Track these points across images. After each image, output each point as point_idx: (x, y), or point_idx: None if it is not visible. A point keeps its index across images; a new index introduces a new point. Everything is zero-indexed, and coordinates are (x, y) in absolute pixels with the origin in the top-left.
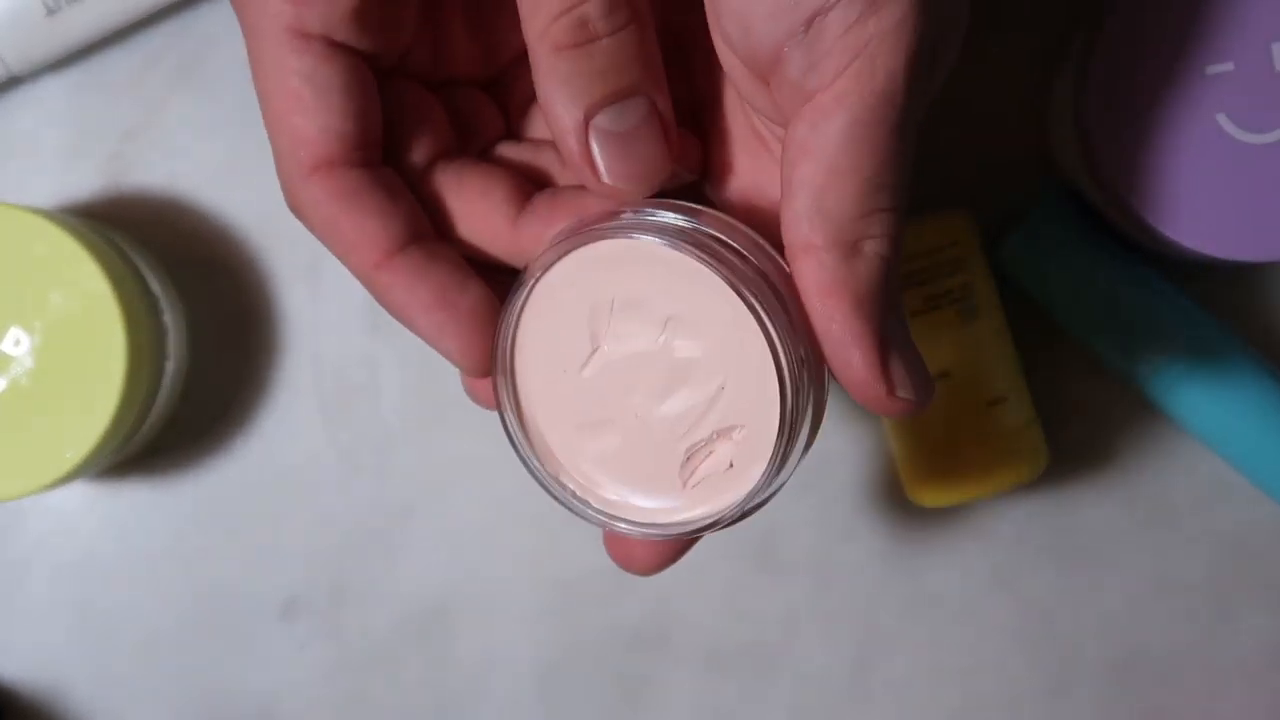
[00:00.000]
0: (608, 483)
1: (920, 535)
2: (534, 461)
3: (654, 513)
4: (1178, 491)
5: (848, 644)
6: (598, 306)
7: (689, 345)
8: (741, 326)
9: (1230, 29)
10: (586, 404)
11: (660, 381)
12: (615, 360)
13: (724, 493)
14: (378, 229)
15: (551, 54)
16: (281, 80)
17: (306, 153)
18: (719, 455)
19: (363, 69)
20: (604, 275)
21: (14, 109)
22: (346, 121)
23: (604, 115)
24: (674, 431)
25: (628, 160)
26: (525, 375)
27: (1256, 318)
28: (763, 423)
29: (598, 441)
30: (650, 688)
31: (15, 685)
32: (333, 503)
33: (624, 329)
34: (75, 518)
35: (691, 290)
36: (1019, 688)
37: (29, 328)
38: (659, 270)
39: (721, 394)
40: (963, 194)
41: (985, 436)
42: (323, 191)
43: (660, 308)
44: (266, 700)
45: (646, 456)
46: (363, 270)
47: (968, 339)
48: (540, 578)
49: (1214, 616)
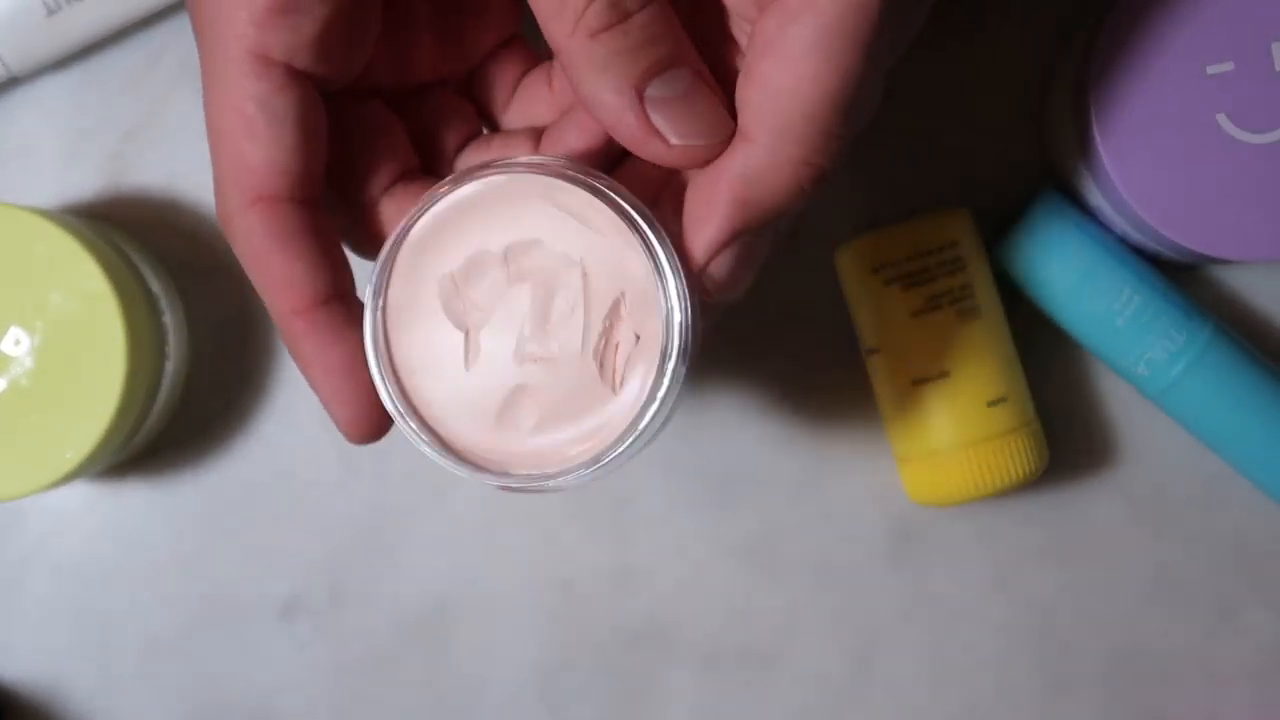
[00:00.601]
0: (557, 447)
1: (920, 535)
2: (483, 475)
3: (616, 426)
4: (1178, 491)
5: (848, 644)
6: (443, 290)
7: (534, 259)
8: (572, 208)
9: (1230, 29)
10: (490, 390)
11: (536, 313)
12: (486, 329)
13: (650, 364)
14: (304, 276)
15: (588, 43)
16: (237, 103)
17: (250, 181)
18: (623, 335)
19: (315, 98)
20: (431, 257)
21: (14, 109)
22: (295, 157)
23: (654, 86)
24: (574, 349)
25: (692, 118)
26: (426, 405)
27: (1256, 318)
28: (638, 274)
29: (523, 415)
30: (650, 688)
31: (15, 686)
32: (333, 503)
33: (476, 293)
34: (75, 518)
35: (504, 213)
36: (1019, 688)
37: (29, 328)
38: (470, 218)
39: (586, 278)
40: (963, 194)
41: (985, 436)
42: (260, 224)
43: (492, 245)
44: (266, 700)
45: (569, 393)
46: (279, 312)
47: (968, 339)
48: (540, 578)
49: (1214, 616)
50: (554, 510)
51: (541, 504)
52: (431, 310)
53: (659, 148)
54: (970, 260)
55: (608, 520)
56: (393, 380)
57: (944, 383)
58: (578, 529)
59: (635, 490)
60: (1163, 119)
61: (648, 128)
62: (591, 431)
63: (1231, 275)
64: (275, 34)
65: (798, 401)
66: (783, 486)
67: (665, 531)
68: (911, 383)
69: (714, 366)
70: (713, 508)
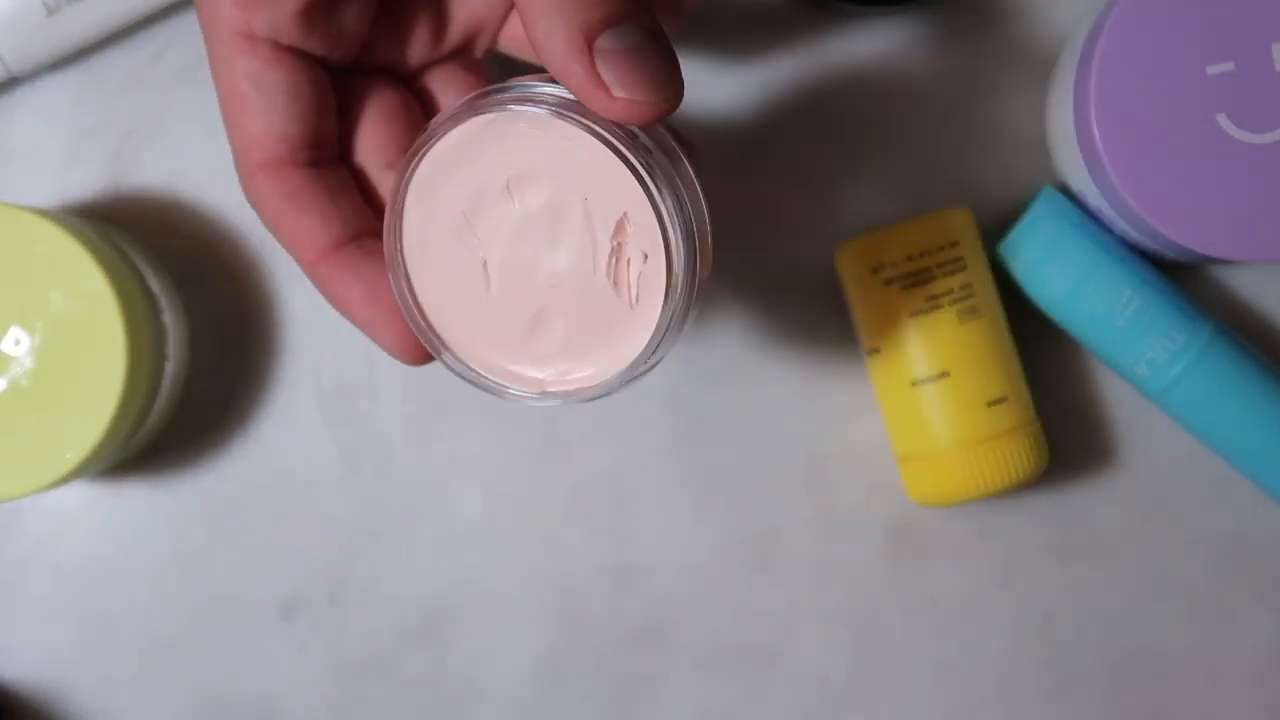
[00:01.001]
0: (582, 360)
1: (920, 535)
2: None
3: (639, 338)
4: (1178, 491)
5: (848, 644)
6: (454, 225)
7: (539, 188)
8: (556, 134)
9: (1230, 29)
10: (515, 313)
11: (545, 239)
12: (504, 258)
13: (662, 278)
14: (317, 227)
15: None
16: (232, 82)
17: (255, 152)
18: (633, 253)
19: (313, 71)
20: (437, 196)
21: (14, 109)
22: (291, 124)
23: (605, 38)
24: (587, 269)
25: (638, 73)
26: (451, 331)
27: (1256, 318)
28: (634, 192)
29: (550, 334)
30: (650, 688)
31: (16, 685)
32: (333, 503)
33: (486, 225)
34: (75, 518)
35: (500, 148)
36: (1019, 688)
37: (29, 328)
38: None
39: (588, 202)
40: (963, 194)
41: (985, 436)
42: (269, 189)
43: (494, 179)
44: (266, 700)
45: (590, 311)
46: (303, 264)
47: (968, 338)
48: (540, 578)
49: (1214, 616)
50: (554, 510)
51: (541, 504)
52: (447, 245)
53: (601, 97)
54: (970, 260)
55: (608, 520)
56: (420, 316)
57: (944, 383)
58: (578, 529)
59: (635, 490)
60: (1163, 119)
61: (593, 77)
62: (617, 347)
63: (1231, 275)
64: (257, 14)
65: (798, 401)
66: (783, 486)
67: (665, 531)
68: (911, 383)
69: (713, 366)
70: (712, 508)
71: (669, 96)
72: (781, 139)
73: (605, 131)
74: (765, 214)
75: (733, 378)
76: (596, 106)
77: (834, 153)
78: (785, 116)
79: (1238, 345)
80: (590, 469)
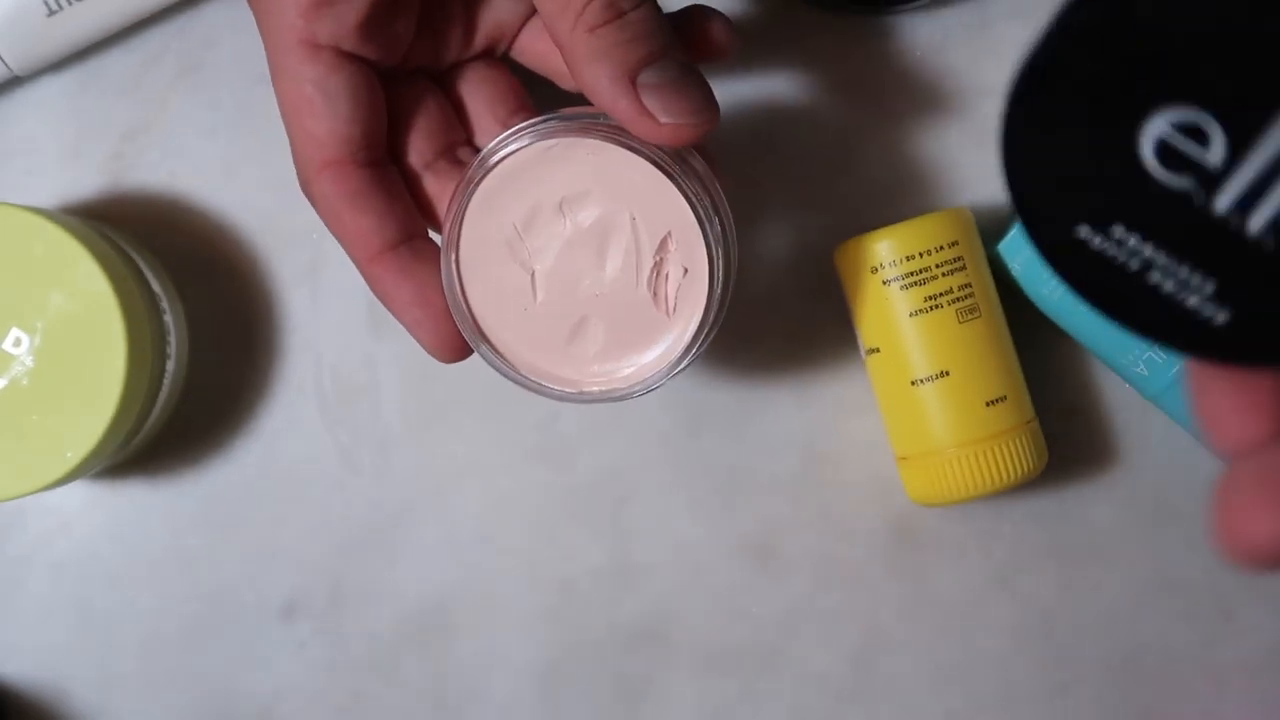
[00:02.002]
0: (617, 364)
1: (920, 535)
2: (563, 390)
3: (675, 346)
4: (1178, 491)
5: (848, 644)
6: (509, 238)
7: (591, 208)
8: (612, 160)
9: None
10: (557, 320)
11: (593, 254)
12: (552, 269)
13: (698, 294)
14: (373, 227)
15: (588, 36)
16: (296, 86)
17: (317, 152)
18: (672, 268)
19: (369, 75)
20: (495, 211)
21: (14, 109)
22: (352, 126)
23: (645, 73)
24: (630, 281)
25: (679, 100)
26: (500, 335)
27: None
28: (681, 214)
29: (589, 340)
30: (650, 688)
31: (16, 685)
32: (333, 503)
33: (538, 239)
34: (75, 517)
35: (556, 169)
36: (1019, 688)
37: (29, 327)
38: (528, 175)
39: (636, 222)
40: (962, 194)
41: (984, 436)
42: (330, 188)
43: (549, 198)
44: (266, 700)
45: (628, 320)
46: (358, 261)
47: (967, 338)
48: (540, 578)
49: (1214, 616)
50: (554, 510)
51: (541, 504)
52: (500, 256)
53: (650, 125)
54: (970, 260)
55: (608, 520)
56: (469, 318)
57: (943, 382)
58: (578, 529)
59: (635, 490)
60: None
61: (640, 109)
62: (651, 353)
63: None
64: (320, 23)
65: (798, 401)
66: (783, 486)
67: (665, 531)
68: (911, 382)
69: (713, 366)
70: (713, 507)
71: (710, 118)
72: (781, 139)
73: (659, 157)
74: (764, 214)
75: (732, 377)
76: (645, 132)
77: (833, 152)
78: (784, 116)
79: None
80: (590, 469)
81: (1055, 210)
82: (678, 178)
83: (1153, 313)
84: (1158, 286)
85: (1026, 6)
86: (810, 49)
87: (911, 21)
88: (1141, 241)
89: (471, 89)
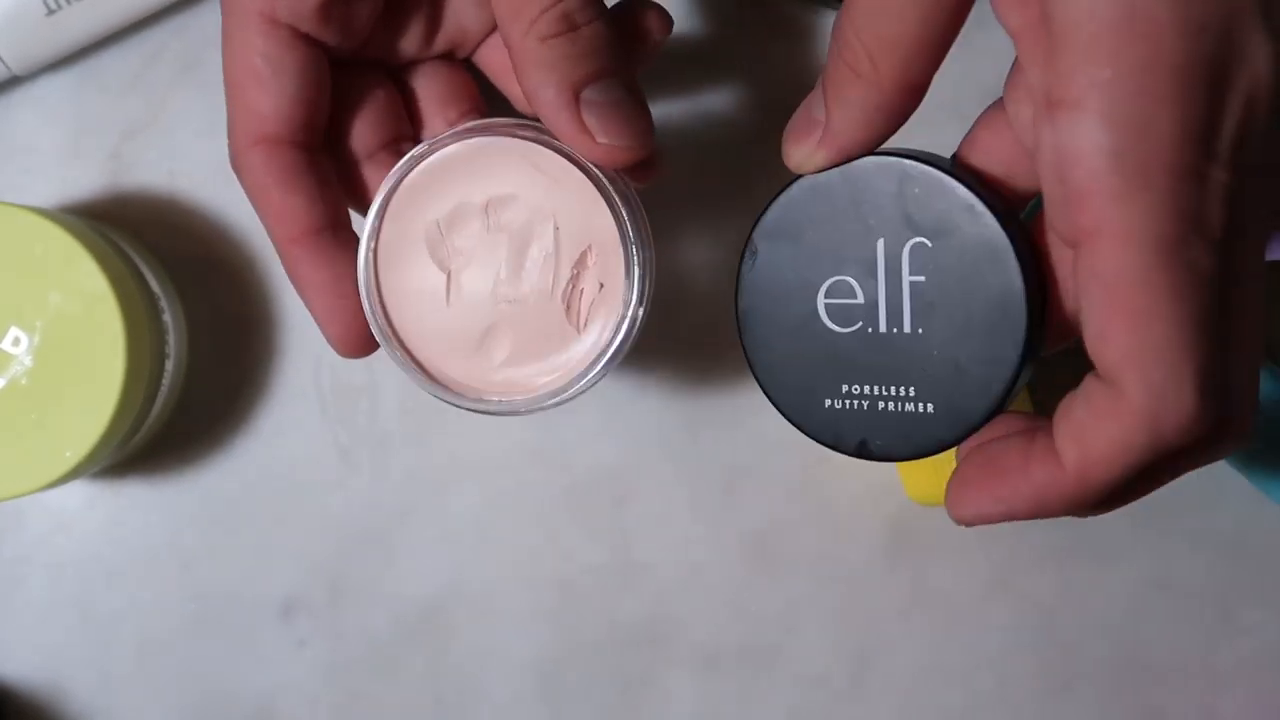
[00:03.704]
0: (526, 378)
1: (920, 535)
2: (461, 401)
3: (579, 362)
4: (1177, 491)
5: (848, 644)
6: (429, 236)
7: (515, 212)
8: (545, 166)
9: None
10: (467, 325)
11: (512, 258)
12: (467, 272)
13: (610, 311)
14: (301, 207)
15: (538, 44)
16: (246, 57)
17: (255, 125)
18: (588, 283)
19: (320, 60)
20: (419, 205)
21: (14, 109)
22: (296, 106)
23: (590, 90)
24: (544, 291)
25: (618, 122)
26: (405, 332)
27: None
28: (605, 230)
29: (497, 349)
30: (650, 688)
31: (15, 685)
32: (332, 502)
33: (459, 240)
34: (75, 517)
35: (485, 170)
36: (1019, 688)
37: (28, 327)
38: (458, 172)
39: (558, 230)
40: None
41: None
42: (262, 163)
43: (475, 198)
44: (266, 700)
45: (539, 331)
46: (278, 240)
47: None
48: (540, 577)
49: (1214, 616)
50: (554, 510)
51: (541, 503)
52: (418, 252)
53: (587, 143)
54: None
55: (608, 520)
56: (380, 311)
57: None
58: (578, 529)
59: (635, 490)
60: None
61: (580, 125)
62: (557, 366)
63: None
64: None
65: None
66: (782, 485)
67: (665, 531)
68: None
69: (713, 365)
70: (712, 507)
71: (645, 144)
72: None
73: (594, 171)
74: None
75: (731, 377)
76: (581, 150)
77: None
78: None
79: None
80: (590, 469)
81: (803, 398)
82: (609, 193)
83: (895, 430)
84: (885, 409)
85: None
86: (808, 48)
87: None
88: (862, 386)
89: (425, 87)
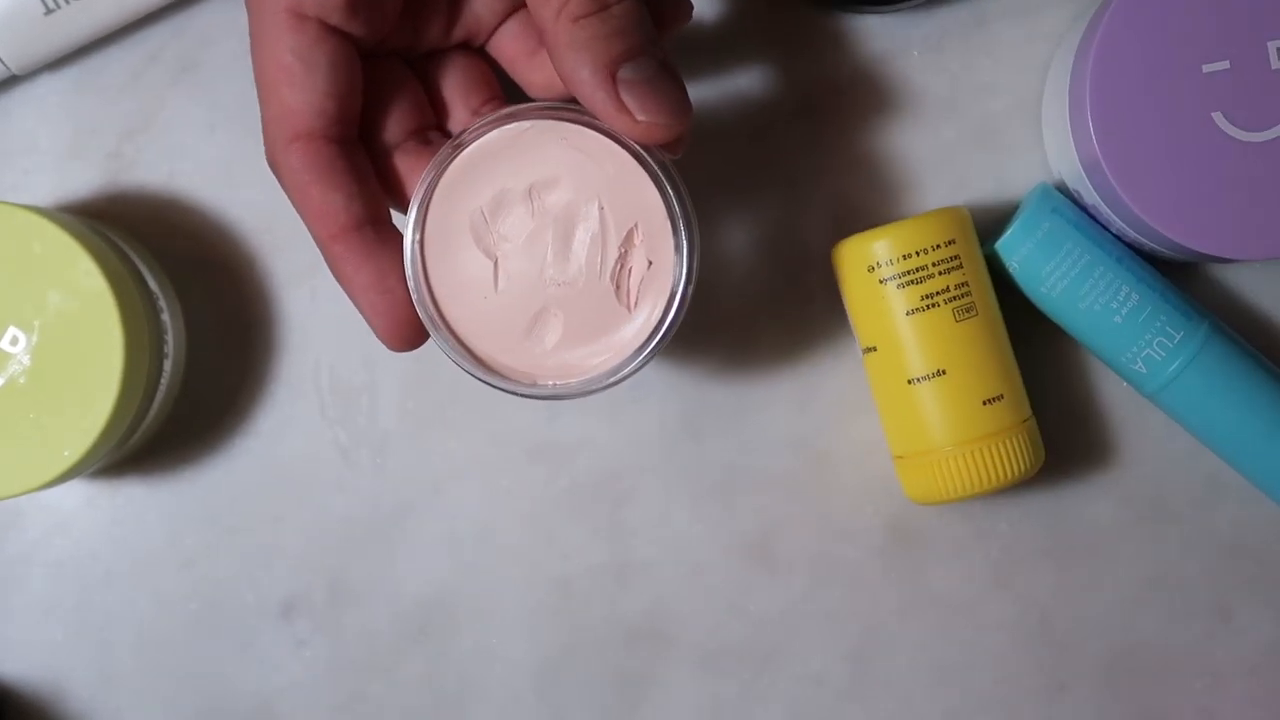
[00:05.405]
0: (578, 360)
1: (919, 534)
2: (515, 387)
3: (632, 341)
4: (1176, 491)
5: (848, 644)
6: (474, 223)
7: (559, 195)
8: (587, 147)
9: (1226, 26)
10: (517, 310)
11: (558, 241)
12: (514, 257)
13: (660, 289)
14: (341, 204)
15: (571, 26)
16: (277, 54)
17: (290, 123)
18: (637, 262)
19: (351, 52)
20: (462, 194)
21: (13, 109)
22: (329, 100)
23: (625, 69)
24: (593, 272)
25: (655, 99)
26: (455, 321)
27: (1253, 315)
28: (650, 207)
29: (548, 332)
30: (649, 687)
31: (14, 684)
32: (331, 501)
33: (504, 226)
34: (73, 516)
35: (526, 156)
36: (1019, 687)
37: (27, 326)
38: (500, 158)
39: (603, 210)
40: (959, 192)
41: (982, 434)
42: (299, 159)
43: (518, 184)
44: (266, 700)
45: (588, 312)
46: (320, 238)
47: (964, 337)
48: (539, 576)
49: (1213, 616)
50: (553, 509)
51: (540, 502)
52: (464, 241)
53: (626, 121)
54: (966, 259)
55: (608, 520)
56: (430, 302)
57: (940, 381)
58: (578, 529)
59: (635, 490)
60: (1159, 117)
61: (618, 103)
62: (609, 346)
63: (1228, 273)
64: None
65: (795, 400)
66: (781, 485)
67: (664, 531)
68: (908, 381)
69: (712, 365)
70: (712, 507)
71: (683, 120)
72: (779, 137)
73: (635, 148)
74: (762, 213)
75: (730, 377)
76: (621, 128)
77: (830, 151)
78: (783, 115)
79: (1234, 343)
80: (590, 469)
81: None
82: (653, 169)
83: None
84: None
85: (1023, 5)
86: (807, 47)
87: (908, 20)
88: None
89: (446, 76)
